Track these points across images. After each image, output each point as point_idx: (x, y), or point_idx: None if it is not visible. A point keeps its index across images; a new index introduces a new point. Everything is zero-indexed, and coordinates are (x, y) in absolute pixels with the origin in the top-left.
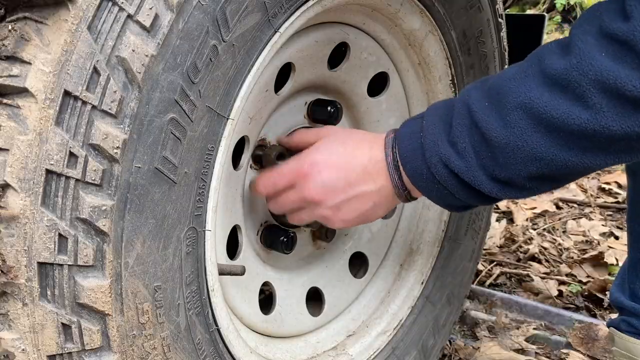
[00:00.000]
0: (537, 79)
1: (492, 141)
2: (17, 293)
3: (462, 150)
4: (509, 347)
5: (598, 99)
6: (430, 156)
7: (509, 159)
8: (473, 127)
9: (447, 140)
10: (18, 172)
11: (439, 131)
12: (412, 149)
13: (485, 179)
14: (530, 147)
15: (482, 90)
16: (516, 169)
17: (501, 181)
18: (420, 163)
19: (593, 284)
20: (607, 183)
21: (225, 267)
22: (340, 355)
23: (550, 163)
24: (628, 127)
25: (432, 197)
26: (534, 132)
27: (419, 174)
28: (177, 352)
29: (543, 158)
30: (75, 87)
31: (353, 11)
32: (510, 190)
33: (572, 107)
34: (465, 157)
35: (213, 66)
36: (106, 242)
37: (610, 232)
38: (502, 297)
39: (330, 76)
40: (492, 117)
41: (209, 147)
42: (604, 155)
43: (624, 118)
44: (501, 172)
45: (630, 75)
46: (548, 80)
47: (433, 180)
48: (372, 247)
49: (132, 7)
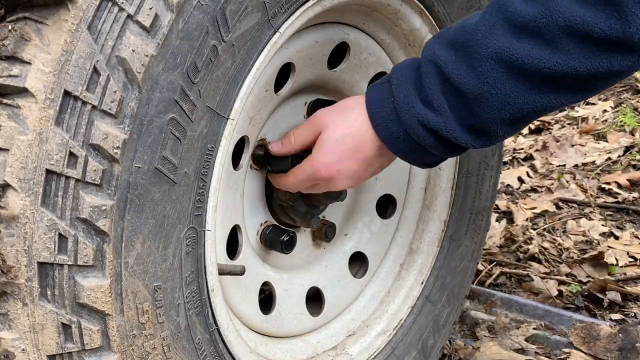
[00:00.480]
0: (504, 27)
1: (466, 93)
2: (17, 293)
3: (438, 107)
4: (509, 347)
5: (567, 43)
6: (407, 119)
7: (484, 108)
8: (445, 83)
9: (421, 100)
10: (18, 172)
11: (411, 93)
12: (385, 114)
13: (460, 131)
14: (504, 94)
15: (446, 44)
16: (490, 116)
17: (476, 130)
18: (396, 127)
19: (593, 284)
20: (607, 183)
21: (225, 267)
22: (340, 355)
23: (522, 107)
24: (594, 68)
25: (407, 156)
26: (507, 80)
27: (395, 137)
28: (177, 352)
29: (516, 102)
30: (75, 87)
31: (353, 11)
32: (483, 139)
33: (542, 52)
34: (441, 113)
35: (213, 66)
36: (106, 242)
37: (610, 232)
38: (502, 297)
39: (330, 76)
40: (463, 70)
41: (209, 147)
42: (572, 94)
43: (590, 59)
44: (476, 121)
45: (597, 17)
46: (515, 28)
47: (410, 141)
48: (372, 247)
49: (132, 7)
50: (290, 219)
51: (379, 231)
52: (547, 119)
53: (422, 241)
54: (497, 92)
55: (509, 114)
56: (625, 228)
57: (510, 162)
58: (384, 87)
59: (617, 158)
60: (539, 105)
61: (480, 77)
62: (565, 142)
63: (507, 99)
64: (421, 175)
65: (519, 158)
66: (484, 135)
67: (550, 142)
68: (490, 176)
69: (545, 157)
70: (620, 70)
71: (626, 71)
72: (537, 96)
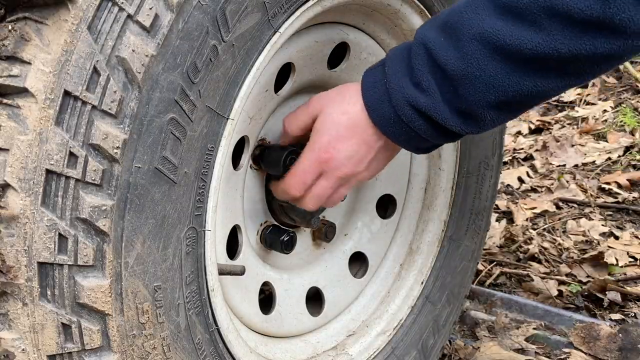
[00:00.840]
0: (489, 8)
1: (452, 74)
2: (17, 293)
3: (427, 88)
4: (509, 347)
5: (548, 23)
6: (397, 99)
7: (469, 90)
8: (433, 64)
9: (411, 82)
10: (18, 172)
11: (402, 75)
12: (377, 96)
13: (449, 114)
14: (488, 75)
15: (436, 27)
16: (475, 99)
17: (464, 113)
18: (388, 108)
19: (593, 284)
20: (607, 183)
21: (225, 267)
22: (340, 355)
23: (507, 89)
24: (576, 49)
25: (400, 140)
26: (490, 61)
27: (387, 119)
28: (177, 352)
29: (500, 85)
30: (75, 87)
31: (353, 11)
32: (472, 123)
33: (525, 32)
34: (430, 94)
35: (213, 66)
36: (106, 242)
37: (610, 232)
38: (502, 297)
39: (330, 76)
40: (450, 51)
41: (209, 147)
42: (556, 78)
43: (572, 40)
44: (463, 104)
45: None
46: (499, 9)
47: (401, 123)
48: (372, 247)
49: (132, 7)
50: (290, 219)
51: (379, 231)
52: (547, 119)
53: (422, 241)
54: (481, 73)
55: (493, 97)
56: (625, 228)
57: (510, 162)
58: (379, 69)
59: (617, 158)
60: (523, 88)
61: (465, 58)
62: (565, 142)
63: (491, 80)
64: (421, 175)
65: (519, 158)
66: (472, 119)
67: (550, 142)
68: (490, 176)
69: (545, 157)
70: (605, 53)
71: (613, 55)
72: (521, 78)
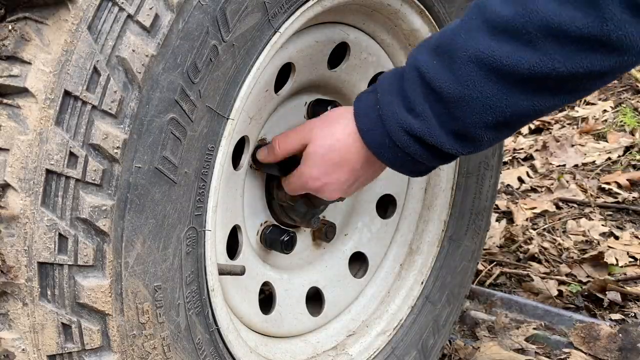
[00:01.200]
0: (483, 29)
1: (447, 97)
2: (17, 293)
3: (421, 113)
4: (509, 347)
5: (545, 42)
6: (391, 126)
7: (466, 112)
8: (427, 88)
9: (404, 108)
10: (18, 172)
11: (395, 100)
12: (370, 122)
13: (445, 137)
14: (484, 96)
15: (428, 51)
16: (473, 121)
17: (460, 135)
18: (381, 135)
19: (593, 284)
20: (607, 183)
21: (225, 267)
22: (340, 355)
23: (504, 110)
24: (573, 68)
25: (396, 165)
26: (487, 82)
27: (381, 145)
28: (177, 352)
29: (497, 106)
30: (75, 87)
31: (353, 11)
32: (469, 144)
33: (521, 53)
34: (424, 119)
35: (213, 66)
36: (106, 242)
37: (610, 232)
38: (502, 297)
39: (330, 76)
40: (444, 74)
41: (209, 147)
42: (553, 97)
43: (569, 59)
44: (460, 126)
45: (573, 16)
46: (494, 30)
47: (395, 148)
48: (372, 247)
49: (132, 7)
50: (290, 219)
51: (379, 231)
52: (547, 119)
53: (422, 241)
54: (478, 95)
55: (491, 118)
56: (625, 228)
57: (510, 162)
58: (371, 95)
59: (617, 158)
60: (521, 108)
61: (460, 80)
62: (565, 142)
63: (488, 102)
64: None
65: (519, 158)
66: (469, 141)
67: (550, 142)
68: (490, 176)
69: (545, 157)
70: (602, 70)
71: (608, 72)
72: (519, 99)
